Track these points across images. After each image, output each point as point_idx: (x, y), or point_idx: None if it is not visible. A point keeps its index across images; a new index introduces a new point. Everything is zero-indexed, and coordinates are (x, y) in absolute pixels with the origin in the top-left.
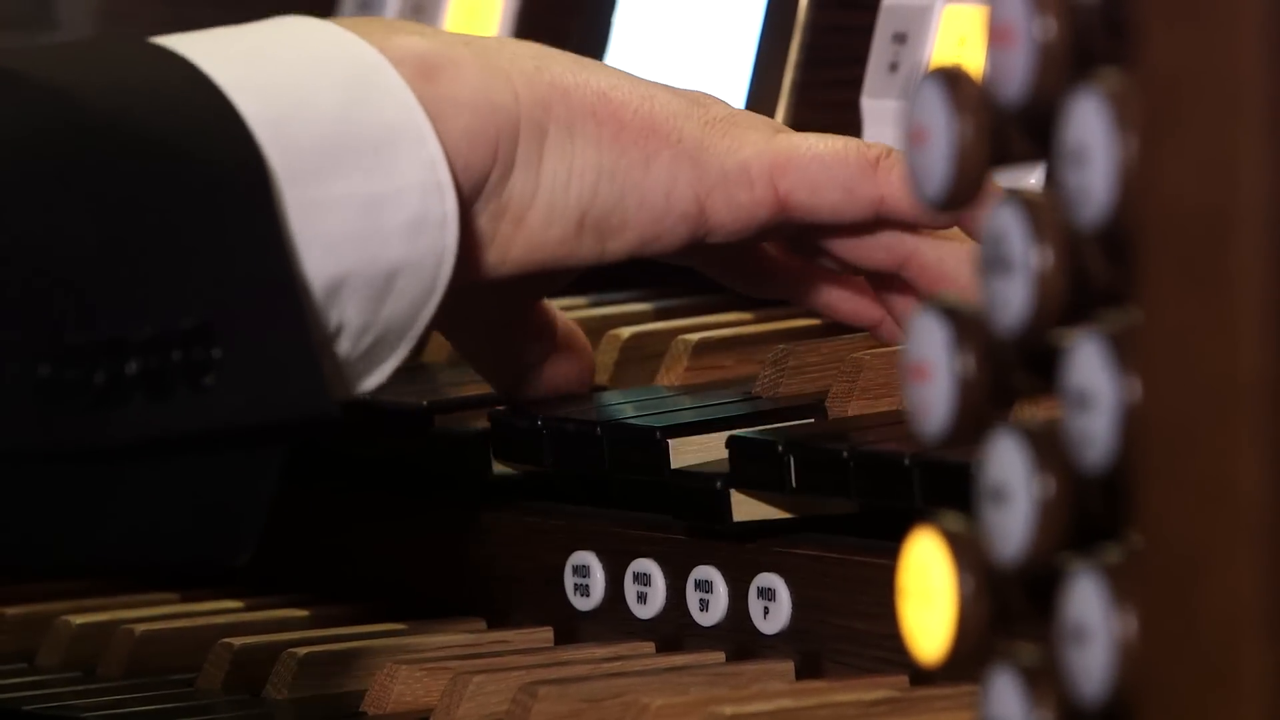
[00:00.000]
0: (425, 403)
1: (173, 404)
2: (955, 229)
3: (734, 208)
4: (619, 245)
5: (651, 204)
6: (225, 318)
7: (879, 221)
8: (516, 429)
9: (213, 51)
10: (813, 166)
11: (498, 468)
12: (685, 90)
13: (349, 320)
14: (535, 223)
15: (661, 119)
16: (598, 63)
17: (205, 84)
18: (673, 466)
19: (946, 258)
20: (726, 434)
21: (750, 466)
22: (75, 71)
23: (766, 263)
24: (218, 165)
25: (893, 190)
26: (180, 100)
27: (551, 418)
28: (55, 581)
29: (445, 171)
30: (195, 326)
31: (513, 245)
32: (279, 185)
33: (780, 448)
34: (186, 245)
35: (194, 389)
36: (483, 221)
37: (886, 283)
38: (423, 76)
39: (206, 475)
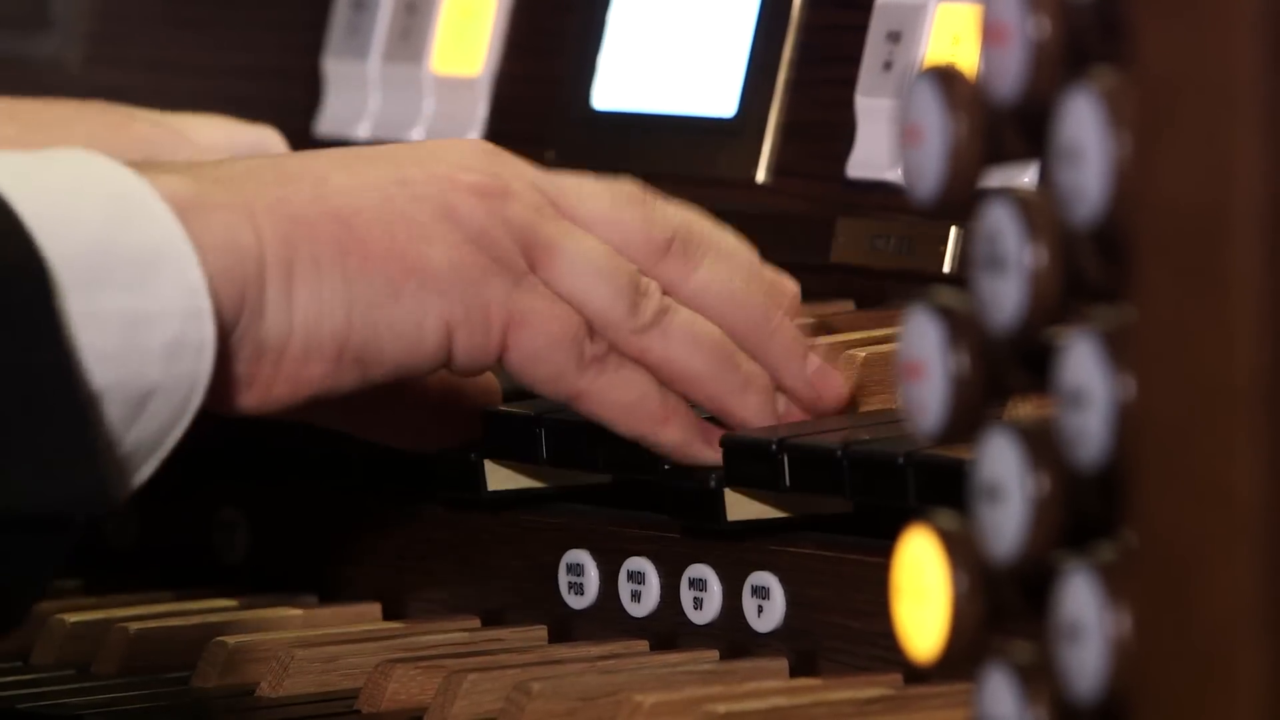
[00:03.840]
0: None
1: None
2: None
3: (470, 349)
4: (379, 372)
5: (405, 335)
6: (6, 411)
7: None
8: (512, 426)
9: None
10: (539, 339)
11: (492, 483)
12: (435, 184)
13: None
14: (293, 360)
15: (407, 246)
16: (344, 170)
17: None
18: (666, 466)
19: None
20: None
21: (744, 465)
22: None
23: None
24: (1, 268)
25: (591, 395)
26: None
27: (550, 416)
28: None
29: (206, 299)
30: None
31: (275, 384)
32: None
33: (774, 446)
34: None
35: None
36: (241, 364)
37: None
38: (179, 212)
39: None
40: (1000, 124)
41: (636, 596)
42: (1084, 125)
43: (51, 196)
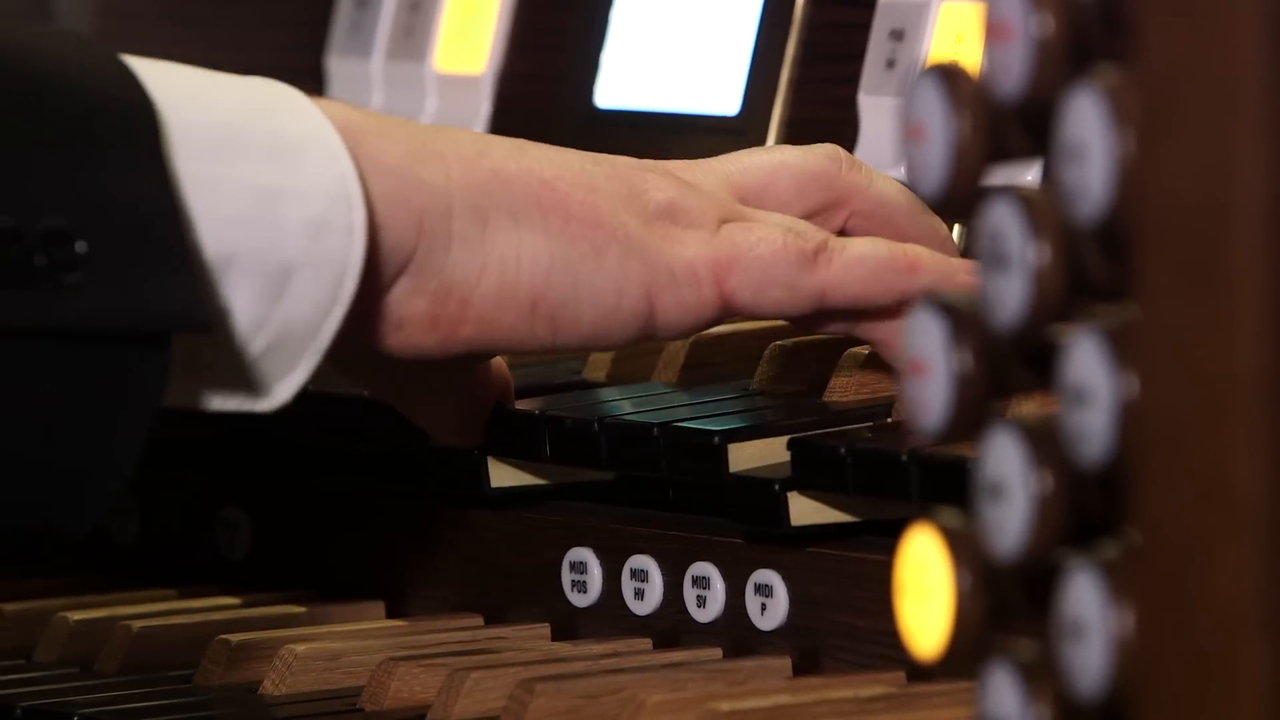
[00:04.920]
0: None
1: (28, 296)
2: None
3: (682, 308)
4: (570, 338)
5: (604, 299)
6: (95, 222)
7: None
8: (514, 424)
9: (143, 60)
10: (755, 267)
11: (495, 481)
12: (621, 168)
13: (240, 309)
14: (485, 305)
15: (606, 212)
16: (539, 147)
17: (115, 60)
18: (664, 464)
19: (892, 338)
20: (718, 429)
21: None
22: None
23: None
24: (102, 98)
25: (832, 280)
26: (86, 60)
27: (552, 414)
28: (53, 578)
29: (357, 188)
30: (58, 227)
31: (463, 324)
32: (169, 146)
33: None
34: (55, 154)
35: (54, 285)
36: (423, 297)
37: None
38: (348, 135)
39: (70, 381)
40: (1003, 122)
41: (640, 594)
42: (1087, 123)
43: (188, 83)
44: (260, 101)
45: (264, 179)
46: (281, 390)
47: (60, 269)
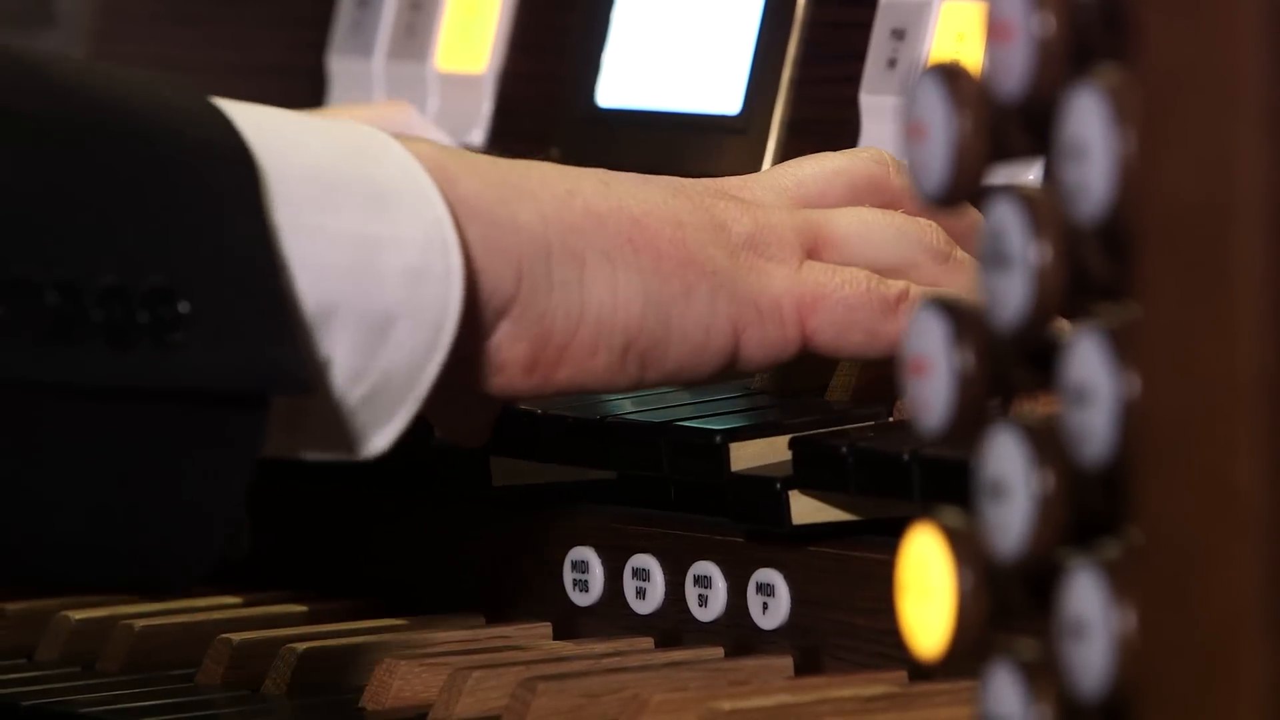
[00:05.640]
0: None
1: (133, 356)
2: None
3: (765, 345)
4: (656, 375)
5: (693, 337)
6: (195, 282)
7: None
8: (517, 423)
9: (237, 104)
10: (839, 310)
11: (497, 479)
12: (697, 198)
13: (340, 360)
14: (581, 349)
15: (695, 248)
16: (622, 178)
17: (211, 106)
18: (666, 463)
19: None
20: (720, 429)
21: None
22: (93, 72)
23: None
24: (203, 151)
25: None
26: (180, 105)
27: (553, 413)
28: None
29: (452, 232)
30: (162, 285)
31: (558, 370)
32: (268, 197)
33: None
34: (159, 210)
35: (158, 345)
36: (524, 343)
37: None
38: (439, 177)
39: (172, 442)
40: (1005, 121)
41: (641, 593)
42: (1088, 122)
43: (283, 129)
44: (351, 145)
45: (363, 227)
46: (378, 440)
47: (164, 328)
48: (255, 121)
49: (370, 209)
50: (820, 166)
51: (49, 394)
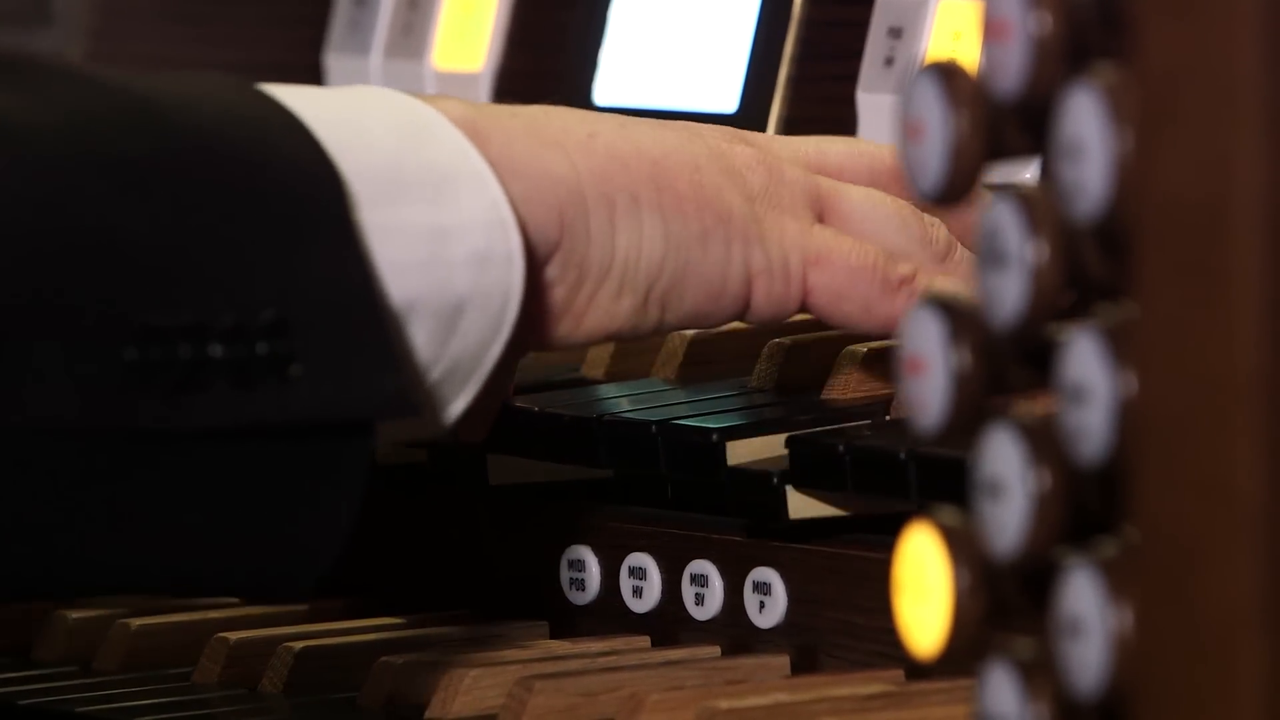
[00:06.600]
0: None
1: (257, 394)
2: None
3: (772, 297)
4: (675, 318)
5: (709, 280)
6: (305, 313)
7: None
8: (514, 420)
9: (285, 90)
10: (841, 274)
11: (494, 477)
12: (713, 142)
13: (417, 350)
14: (608, 293)
15: (712, 193)
16: (637, 122)
17: (283, 110)
18: (663, 462)
19: None
20: (717, 427)
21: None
22: (168, 88)
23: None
24: (295, 175)
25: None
26: (260, 119)
27: (551, 411)
28: None
29: (509, 211)
30: (275, 319)
31: (587, 315)
32: (352, 205)
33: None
34: (263, 244)
35: (279, 379)
36: (560, 291)
37: None
38: (474, 140)
39: (289, 473)
40: (1001, 120)
41: (638, 592)
42: (1085, 121)
43: (344, 120)
44: (407, 125)
45: (431, 218)
46: (447, 416)
47: (282, 362)
48: (322, 115)
49: (435, 198)
50: (847, 145)
51: (181, 439)
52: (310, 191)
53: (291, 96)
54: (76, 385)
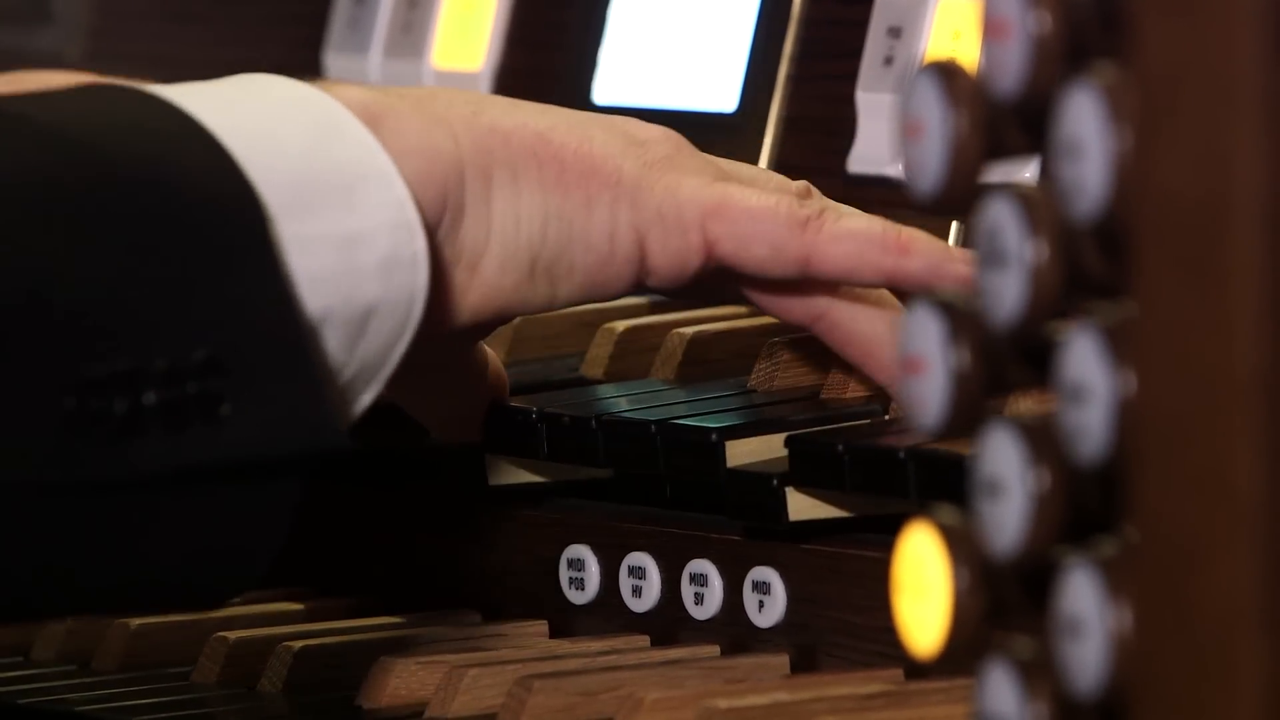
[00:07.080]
0: None
1: (189, 436)
2: (881, 291)
3: (668, 252)
4: (568, 290)
5: (597, 247)
6: (235, 349)
7: (802, 279)
8: (513, 421)
9: (191, 97)
10: (742, 219)
11: (493, 478)
12: (620, 122)
13: (329, 356)
14: (490, 269)
15: (601, 159)
16: (533, 104)
17: (195, 126)
18: (662, 461)
19: (859, 318)
20: (716, 427)
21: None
22: (73, 114)
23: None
24: (215, 203)
25: (819, 250)
26: (174, 142)
27: (550, 411)
28: None
29: (413, 211)
30: (206, 358)
31: (469, 293)
32: (270, 222)
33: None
34: (192, 280)
35: (208, 421)
36: (440, 269)
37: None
38: (368, 122)
39: (221, 509)
40: (1001, 119)
41: (637, 592)
42: (1084, 120)
43: (252, 127)
44: (314, 123)
45: (342, 226)
46: (353, 412)
47: (213, 402)
48: (227, 123)
49: (345, 202)
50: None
51: (115, 489)
52: (229, 213)
53: (193, 101)
54: (15, 438)
